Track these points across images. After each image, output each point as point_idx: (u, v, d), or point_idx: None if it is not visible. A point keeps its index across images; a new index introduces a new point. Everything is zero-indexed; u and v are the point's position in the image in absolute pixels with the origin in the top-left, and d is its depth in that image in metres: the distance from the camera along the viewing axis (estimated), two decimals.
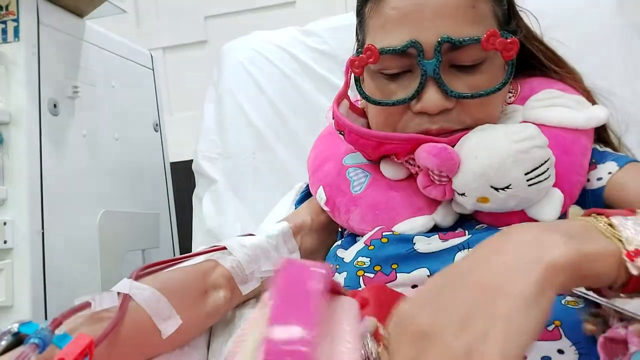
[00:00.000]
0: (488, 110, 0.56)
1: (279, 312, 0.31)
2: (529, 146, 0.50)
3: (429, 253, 0.53)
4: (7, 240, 0.81)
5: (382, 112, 0.57)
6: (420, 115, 0.55)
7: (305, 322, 0.30)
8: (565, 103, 0.58)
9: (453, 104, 0.54)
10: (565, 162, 0.54)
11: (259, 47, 1.11)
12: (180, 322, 0.52)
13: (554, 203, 0.53)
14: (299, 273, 0.34)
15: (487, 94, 0.53)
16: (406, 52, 0.53)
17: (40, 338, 0.38)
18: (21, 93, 0.85)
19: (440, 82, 0.52)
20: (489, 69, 0.54)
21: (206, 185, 1.07)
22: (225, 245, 0.62)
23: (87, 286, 0.94)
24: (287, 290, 0.33)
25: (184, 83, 1.76)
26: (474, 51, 0.52)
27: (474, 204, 0.53)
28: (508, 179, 0.50)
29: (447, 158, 0.51)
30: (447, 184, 0.54)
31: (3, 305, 0.80)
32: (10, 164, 0.84)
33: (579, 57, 0.67)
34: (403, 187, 0.59)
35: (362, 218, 0.60)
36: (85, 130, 1.00)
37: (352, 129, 0.59)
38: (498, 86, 0.54)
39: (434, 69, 0.52)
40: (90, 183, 1.00)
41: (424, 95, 0.53)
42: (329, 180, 0.65)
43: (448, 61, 0.53)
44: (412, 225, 0.57)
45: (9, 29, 0.87)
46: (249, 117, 1.07)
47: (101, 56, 1.08)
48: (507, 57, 0.53)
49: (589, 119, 0.57)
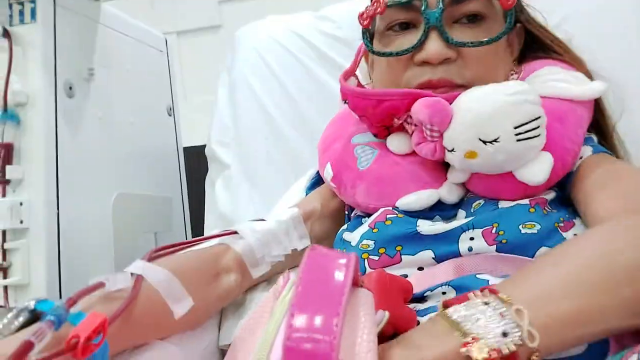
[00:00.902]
0: (488, 66, 0.57)
1: (304, 300, 0.31)
2: (521, 99, 0.50)
3: (432, 235, 0.54)
4: (24, 220, 0.83)
5: (387, 67, 0.60)
6: (423, 66, 0.56)
7: (330, 311, 0.30)
8: (563, 78, 0.59)
9: (455, 53, 0.55)
10: (559, 129, 0.54)
11: (273, 32, 1.11)
12: (192, 304, 0.52)
13: (543, 165, 0.52)
14: (325, 261, 0.34)
15: (488, 42, 0.56)
16: (411, 5, 0.57)
17: (56, 315, 0.39)
18: (38, 74, 0.86)
19: (442, 30, 0.55)
20: (490, 25, 0.57)
21: (219, 170, 1.07)
22: (236, 230, 0.62)
23: (101, 267, 0.95)
24: (312, 278, 0.33)
25: (197, 68, 1.75)
26: (475, 4, 0.56)
27: (462, 160, 0.53)
28: (497, 131, 0.50)
29: (440, 109, 0.53)
30: (439, 141, 0.54)
31: (20, 284, 0.82)
32: (26, 145, 0.85)
33: (596, 52, 0.66)
34: (409, 161, 0.60)
35: (368, 192, 0.61)
36: (100, 113, 1.01)
37: (354, 92, 0.61)
38: (498, 35, 0.56)
39: (437, 18, 0.54)
40: (105, 165, 1.01)
41: (427, 44, 0.55)
42: (336, 157, 0.66)
43: (451, 16, 0.56)
44: (417, 197, 0.57)
45: (25, 10, 0.87)
46: (262, 102, 1.07)
47: (116, 39, 1.08)
48: (506, 6, 0.56)
49: (585, 90, 0.57)
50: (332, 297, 0.31)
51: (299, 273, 0.33)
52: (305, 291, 0.32)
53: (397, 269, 0.54)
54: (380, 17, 0.61)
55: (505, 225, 0.51)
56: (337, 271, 0.33)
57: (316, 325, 0.30)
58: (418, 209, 0.57)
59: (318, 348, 0.29)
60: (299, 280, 0.32)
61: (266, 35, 1.11)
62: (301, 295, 0.31)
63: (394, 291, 0.44)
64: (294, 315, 0.30)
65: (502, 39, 0.57)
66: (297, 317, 0.30)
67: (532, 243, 0.50)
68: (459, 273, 0.51)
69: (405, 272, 0.54)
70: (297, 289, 0.32)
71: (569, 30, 0.71)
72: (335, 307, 0.31)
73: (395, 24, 0.59)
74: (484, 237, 0.52)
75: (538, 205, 0.53)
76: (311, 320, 0.30)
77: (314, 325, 0.30)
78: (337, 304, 0.31)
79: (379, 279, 0.43)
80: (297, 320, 0.30)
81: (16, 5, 0.87)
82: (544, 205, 0.53)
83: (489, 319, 0.35)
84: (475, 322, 0.35)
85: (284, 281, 0.40)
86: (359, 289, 0.37)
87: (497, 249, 0.51)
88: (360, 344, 0.32)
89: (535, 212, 0.52)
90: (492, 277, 0.49)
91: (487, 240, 0.51)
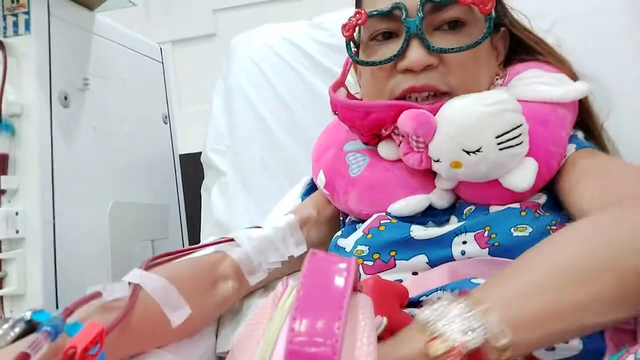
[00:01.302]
0: (471, 71, 0.58)
1: (305, 304, 0.31)
2: (500, 109, 0.51)
3: (426, 239, 0.54)
4: (19, 230, 0.82)
5: (371, 77, 0.61)
6: (406, 73, 0.57)
7: (331, 315, 0.31)
8: (546, 81, 0.59)
9: (437, 60, 0.56)
10: (542, 133, 0.55)
11: (268, 40, 1.11)
12: (189, 312, 0.52)
13: (527, 171, 0.53)
14: (326, 266, 0.34)
15: (468, 48, 0.56)
16: (392, 14, 0.57)
17: (52, 326, 0.39)
18: (32, 85, 0.86)
19: (422, 37, 0.55)
20: (470, 32, 0.57)
21: (215, 177, 1.07)
22: (233, 237, 0.62)
23: (98, 276, 0.95)
24: (313, 283, 0.33)
25: (193, 76, 1.76)
26: (455, 11, 0.57)
27: (448, 170, 0.54)
28: (479, 142, 0.51)
29: (424, 122, 0.53)
30: (424, 151, 0.55)
31: (15, 294, 0.82)
32: (22, 155, 0.85)
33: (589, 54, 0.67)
34: (400, 167, 0.61)
35: (360, 199, 0.61)
36: (95, 123, 1.01)
37: (342, 103, 0.62)
38: (478, 40, 0.56)
39: (417, 26, 0.55)
40: (100, 174, 1.01)
41: (408, 52, 0.56)
42: (328, 165, 0.67)
43: (432, 24, 0.57)
44: (408, 203, 0.57)
45: (20, 21, 0.88)
46: (257, 110, 1.07)
47: (111, 49, 1.08)
48: (484, 11, 0.56)
49: (566, 92, 0.57)
50: (333, 301, 0.32)
51: (301, 277, 0.33)
52: (307, 295, 0.32)
53: (391, 274, 0.55)
54: (364, 28, 0.61)
55: (497, 228, 0.52)
56: (337, 276, 0.34)
57: (318, 329, 0.30)
58: (409, 214, 0.57)
59: (320, 351, 0.29)
60: (301, 284, 0.32)
61: (261, 44, 1.11)
62: (303, 299, 0.32)
63: (390, 296, 0.44)
64: (295, 319, 0.30)
65: (484, 44, 0.58)
66: (299, 320, 0.30)
67: (524, 245, 0.50)
68: (454, 277, 0.51)
69: (400, 277, 0.54)
70: (298, 293, 0.32)
71: (561, 32, 0.72)
72: (336, 311, 0.31)
73: (378, 33, 0.60)
74: (477, 241, 0.52)
75: (529, 209, 0.53)
76: (313, 324, 0.30)
77: (315, 329, 0.30)
78: (338, 308, 0.31)
79: (375, 285, 0.43)
80: (299, 324, 0.30)
81: (10, 17, 0.88)
82: (535, 208, 0.54)
83: (454, 318, 0.36)
84: (440, 320, 0.36)
85: (283, 287, 0.40)
86: (358, 294, 0.37)
87: (490, 252, 0.52)
88: (360, 347, 0.32)
89: (526, 215, 0.52)
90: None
91: (480, 244, 0.52)
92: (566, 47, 0.67)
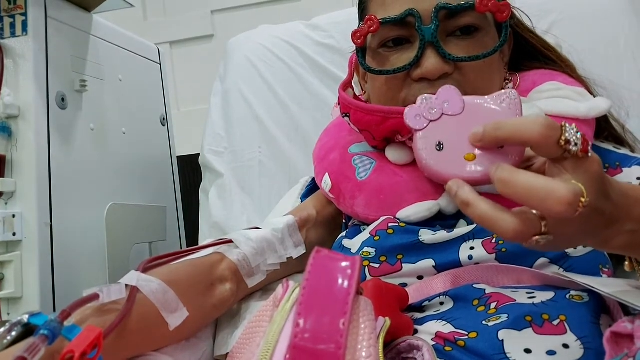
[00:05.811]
0: (485, 77, 0.57)
1: (310, 301, 0.31)
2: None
3: (434, 244, 0.54)
4: (16, 232, 0.82)
5: (384, 84, 0.59)
6: (421, 82, 0.56)
7: (336, 311, 0.30)
8: (568, 95, 0.59)
9: (452, 68, 0.55)
10: None
11: (265, 41, 1.11)
12: (187, 314, 0.52)
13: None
14: (330, 264, 0.34)
15: (484, 57, 0.55)
16: (405, 21, 0.56)
17: (50, 330, 0.38)
18: (29, 87, 0.86)
19: (438, 46, 0.54)
20: (484, 39, 0.56)
21: (213, 178, 1.07)
22: (231, 239, 0.62)
23: (95, 278, 0.94)
24: (318, 280, 0.33)
25: (190, 77, 1.76)
26: (469, 17, 0.55)
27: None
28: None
29: None
30: None
31: (12, 297, 0.81)
32: (19, 157, 0.85)
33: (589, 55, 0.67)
34: (408, 172, 0.60)
35: (367, 203, 0.60)
36: (93, 124, 1.00)
37: (358, 106, 0.61)
38: (494, 48, 0.56)
39: (432, 34, 0.54)
40: (98, 176, 1.00)
41: (423, 60, 0.55)
42: (334, 168, 0.66)
43: (445, 30, 0.55)
44: (417, 209, 0.57)
45: (17, 23, 0.87)
46: (255, 111, 1.07)
47: (108, 50, 1.08)
48: (501, 18, 0.55)
49: (590, 109, 0.57)
50: (338, 298, 0.32)
51: (305, 274, 0.33)
52: (312, 292, 0.32)
53: (397, 277, 0.54)
54: (372, 34, 0.60)
55: None
56: (342, 273, 0.34)
57: (323, 325, 0.30)
58: (418, 221, 0.57)
59: (325, 347, 0.29)
60: (306, 282, 0.32)
61: (258, 44, 1.11)
62: (308, 295, 0.32)
63: (390, 299, 0.44)
64: (300, 315, 0.30)
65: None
66: (304, 317, 0.30)
67: (531, 252, 0.50)
68: (456, 283, 0.51)
69: (405, 281, 0.54)
70: (303, 290, 0.32)
71: (559, 35, 0.72)
72: (341, 307, 0.31)
73: (388, 40, 0.58)
74: (484, 247, 0.52)
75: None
76: (318, 320, 0.30)
77: (321, 325, 0.30)
78: (343, 304, 0.31)
79: (375, 287, 0.43)
80: (304, 320, 0.30)
81: (7, 18, 0.87)
82: None
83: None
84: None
85: (284, 289, 0.40)
86: (359, 297, 0.37)
87: (497, 258, 0.51)
88: (361, 350, 0.32)
89: None
90: (489, 286, 0.49)
91: (487, 249, 0.52)
92: (566, 47, 0.67)
